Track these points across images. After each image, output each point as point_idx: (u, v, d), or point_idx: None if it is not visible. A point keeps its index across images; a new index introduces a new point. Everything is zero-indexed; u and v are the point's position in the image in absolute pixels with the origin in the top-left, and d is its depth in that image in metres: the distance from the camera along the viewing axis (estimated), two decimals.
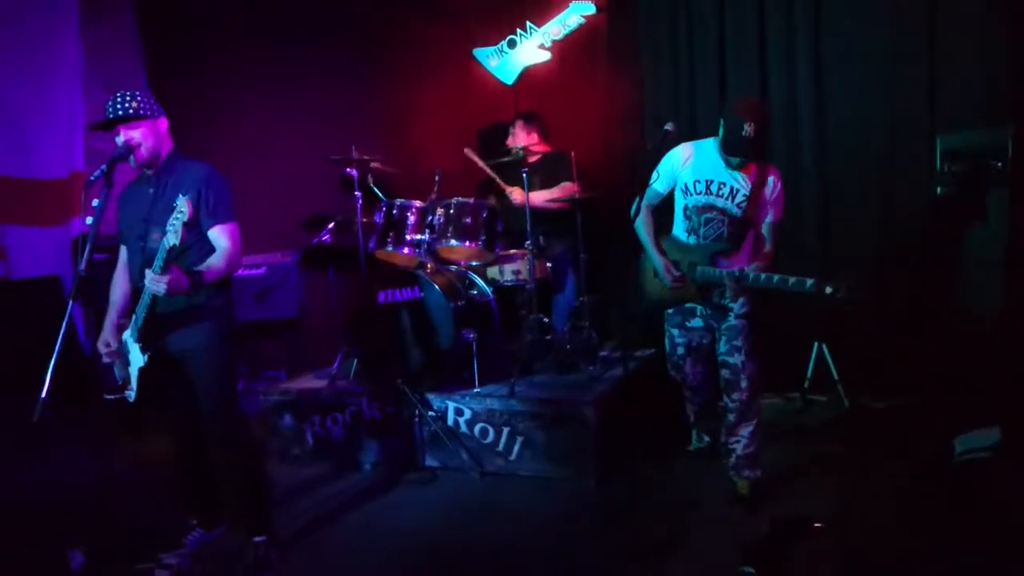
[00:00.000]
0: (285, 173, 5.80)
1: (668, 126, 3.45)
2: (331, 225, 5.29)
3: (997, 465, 3.31)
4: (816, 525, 3.25)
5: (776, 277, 3.23)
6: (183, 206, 2.76)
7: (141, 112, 3.09)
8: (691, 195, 3.50)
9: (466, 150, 4.72)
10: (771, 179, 3.43)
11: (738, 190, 3.42)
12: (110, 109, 3.09)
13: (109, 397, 3.34)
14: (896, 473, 3.83)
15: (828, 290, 3.09)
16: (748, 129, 3.18)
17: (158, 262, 2.84)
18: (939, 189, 4.31)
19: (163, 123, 3.18)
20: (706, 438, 4.10)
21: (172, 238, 2.76)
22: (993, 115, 4.31)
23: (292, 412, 4.52)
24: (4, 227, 5.83)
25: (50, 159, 6.02)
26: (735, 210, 3.44)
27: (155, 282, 2.85)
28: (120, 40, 6.62)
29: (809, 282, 3.15)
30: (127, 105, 3.08)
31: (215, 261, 3.06)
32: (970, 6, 4.49)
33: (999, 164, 4.06)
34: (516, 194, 4.82)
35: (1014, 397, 3.62)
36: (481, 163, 4.64)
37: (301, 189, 5.81)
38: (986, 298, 4.04)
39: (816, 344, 4.86)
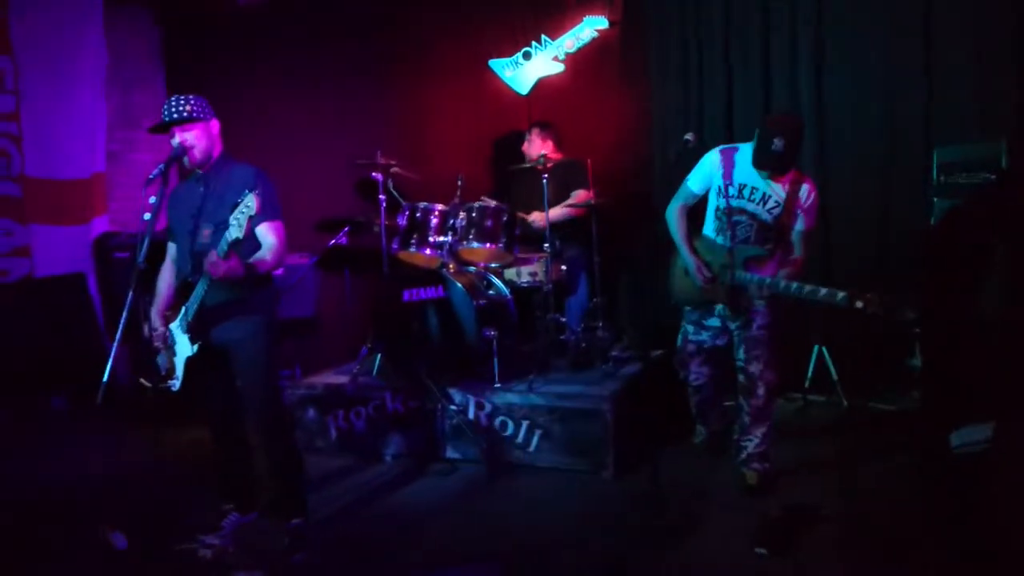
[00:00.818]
0: (302, 176, 5.97)
1: (688, 136, 3.64)
2: (347, 228, 5.47)
3: (993, 457, 3.52)
4: (822, 512, 3.49)
5: (807, 288, 3.32)
6: (250, 201, 2.90)
7: (195, 115, 3.27)
8: (723, 197, 3.61)
9: (482, 198, 4.85)
10: (806, 187, 3.56)
11: (770, 196, 3.55)
12: (166, 112, 3.27)
13: (152, 386, 3.50)
14: (895, 466, 4.05)
15: (859, 304, 3.16)
16: (778, 144, 3.33)
17: (222, 248, 3.00)
18: (936, 199, 4.54)
19: (215, 125, 3.37)
20: (704, 432, 4.29)
21: (236, 231, 2.91)
22: (988, 130, 4.55)
23: (316, 406, 4.70)
24: (29, 226, 5.97)
25: (73, 160, 6.17)
26: (766, 215, 3.57)
27: (213, 265, 3.00)
28: (140, 43, 6.81)
29: (840, 295, 3.21)
30: (182, 108, 3.26)
31: (264, 255, 3.24)
32: (967, 25, 4.73)
33: (992, 176, 4.29)
34: (536, 217, 5.03)
35: (1010, 397, 3.85)
36: (494, 203, 4.81)
37: (317, 192, 6.00)
38: (982, 304, 4.26)
39: (816, 346, 5.07)
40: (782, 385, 3.86)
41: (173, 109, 3.26)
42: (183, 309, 3.30)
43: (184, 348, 3.33)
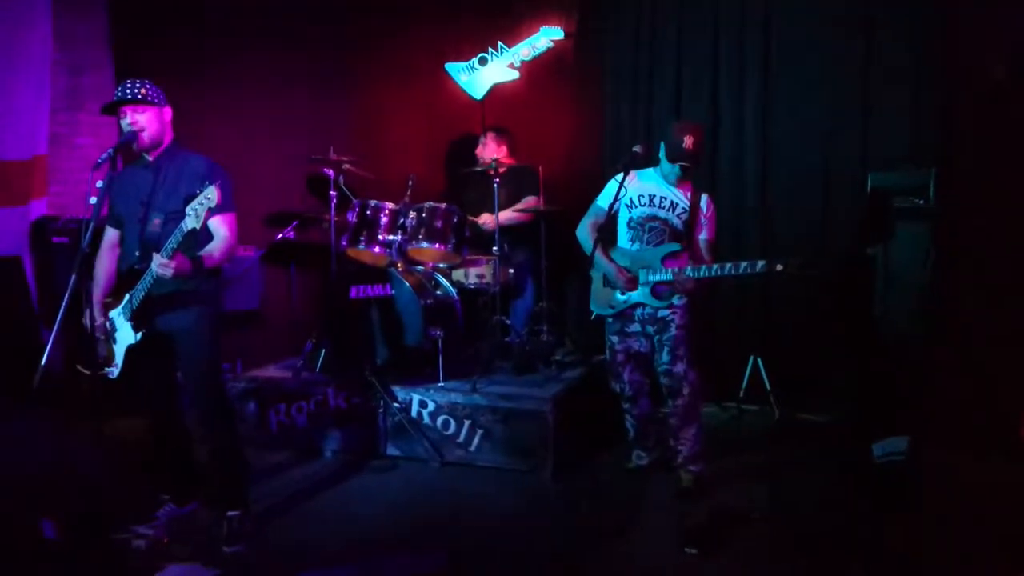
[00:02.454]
0: (252, 169, 5.91)
1: (637, 147, 3.77)
2: (296, 222, 5.45)
3: (910, 466, 3.72)
4: (752, 515, 3.64)
5: (728, 265, 3.55)
6: (211, 192, 2.90)
7: (149, 98, 3.27)
8: (636, 207, 3.87)
9: (429, 203, 4.88)
10: (704, 198, 3.86)
11: (677, 203, 3.82)
12: (119, 92, 3.25)
13: (89, 373, 3.45)
14: (822, 474, 4.23)
15: (779, 267, 3.40)
16: (687, 141, 3.67)
17: (171, 244, 2.99)
18: (868, 220, 4.75)
19: (167, 112, 3.36)
20: (643, 456, 4.18)
21: (192, 222, 2.91)
22: (917, 157, 4.79)
23: (257, 399, 4.67)
24: None
25: (14, 140, 5.98)
26: (676, 221, 3.82)
27: (163, 266, 3.00)
28: (89, 28, 6.64)
29: (760, 263, 3.45)
30: (136, 90, 3.26)
31: (215, 248, 3.23)
32: (901, 63, 4.98)
33: (921, 201, 4.52)
34: (485, 219, 5.10)
35: (930, 410, 4.07)
36: (444, 205, 4.85)
37: (267, 186, 5.94)
38: (910, 321, 4.49)
39: (751, 357, 5.25)
40: (717, 391, 3.98)
41: (128, 90, 3.25)
42: (127, 296, 3.26)
43: (126, 336, 3.30)
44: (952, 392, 4.32)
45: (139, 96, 3.23)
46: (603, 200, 3.95)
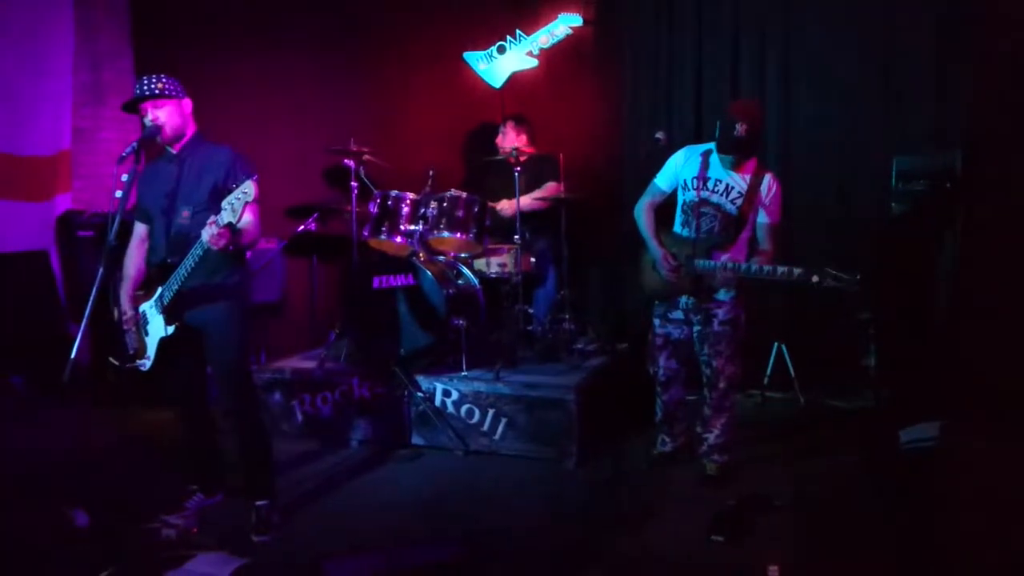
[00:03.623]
0: (269, 162, 5.90)
1: (659, 134, 3.73)
2: (316, 214, 5.47)
3: (940, 453, 3.68)
4: (776, 503, 3.62)
5: (766, 268, 3.45)
6: (248, 187, 2.90)
7: (167, 92, 3.28)
8: (689, 191, 3.72)
9: (452, 190, 4.86)
10: (767, 179, 3.64)
11: (733, 187, 3.64)
12: (138, 89, 3.28)
13: (120, 365, 3.49)
14: (848, 461, 4.19)
15: (815, 279, 3.32)
16: (739, 129, 3.44)
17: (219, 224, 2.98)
18: (894, 205, 4.69)
19: (187, 104, 3.37)
20: (667, 442, 4.13)
21: (229, 216, 2.90)
22: (944, 140, 4.72)
23: (282, 390, 4.71)
24: None
25: (38, 136, 6.05)
26: (730, 206, 3.65)
27: (214, 236, 2.97)
28: (110, 20, 6.69)
29: (797, 271, 3.36)
30: (153, 85, 3.27)
31: (246, 227, 3.19)
32: (926, 42, 4.91)
33: (948, 185, 4.46)
34: (504, 205, 5.09)
35: (957, 396, 4.01)
36: (465, 194, 4.87)
37: (288, 177, 5.96)
38: (935, 306, 4.43)
39: (776, 344, 5.21)
40: (743, 379, 3.94)
41: (145, 86, 3.27)
42: (158, 291, 3.29)
43: (158, 329, 3.33)
44: (982, 377, 4.26)
45: (156, 91, 3.25)
46: (661, 179, 3.83)
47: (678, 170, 3.77)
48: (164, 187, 3.34)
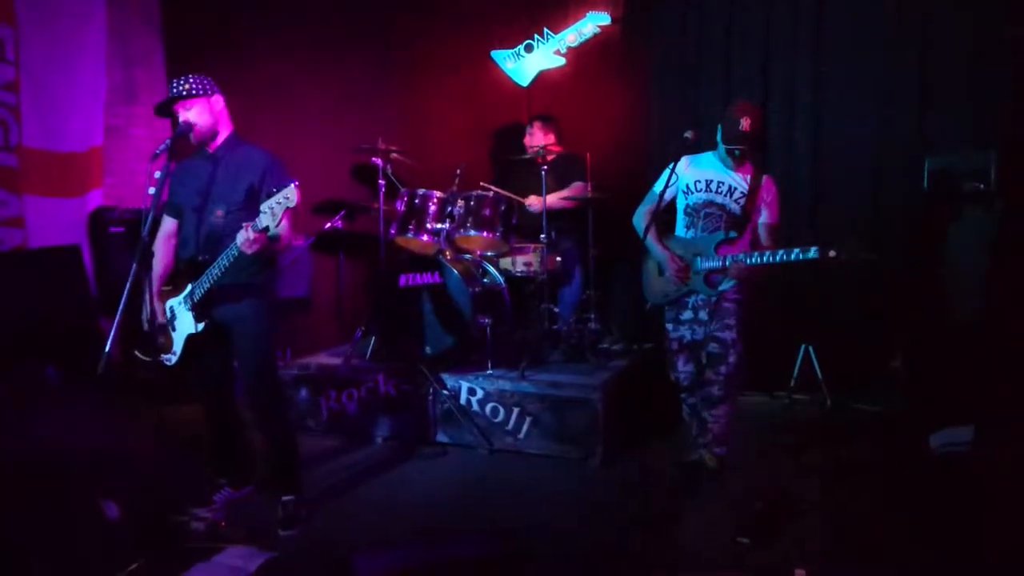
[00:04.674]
0: (298, 160, 5.95)
1: (688, 133, 3.67)
2: (344, 211, 5.51)
3: (973, 457, 3.63)
4: (803, 505, 3.59)
5: (780, 253, 3.44)
6: (291, 193, 2.90)
7: (194, 92, 3.31)
8: (692, 194, 3.77)
9: (481, 184, 4.94)
10: (766, 181, 3.72)
11: (735, 188, 3.70)
12: (169, 91, 3.32)
13: (148, 359, 3.53)
14: (876, 464, 4.15)
15: (832, 254, 3.28)
16: (744, 123, 3.55)
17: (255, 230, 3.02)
18: (926, 205, 4.63)
19: (217, 100, 3.39)
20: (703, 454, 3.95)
21: (267, 219, 2.93)
22: (978, 140, 4.65)
23: (308, 386, 4.75)
24: (24, 197, 5.94)
25: (72, 133, 6.13)
26: (733, 206, 3.70)
27: (248, 243, 3.01)
28: (142, 21, 6.77)
29: (813, 249, 3.33)
30: (180, 87, 3.32)
31: (282, 231, 3.21)
32: (962, 35, 4.83)
33: (981, 185, 4.39)
34: (533, 200, 5.09)
35: (992, 400, 3.95)
36: (495, 189, 4.90)
37: (313, 176, 5.96)
38: (968, 308, 4.37)
39: (803, 346, 5.17)
40: (769, 380, 3.89)
41: (173, 88, 3.32)
42: (188, 287, 3.33)
43: (187, 325, 3.37)
44: (1016, 381, 4.19)
45: (183, 92, 3.29)
46: (658, 186, 3.88)
47: (677, 175, 3.78)
48: (198, 184, 3.38)
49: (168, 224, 3.55)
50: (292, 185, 2.94)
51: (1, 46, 5.76)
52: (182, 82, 3.33)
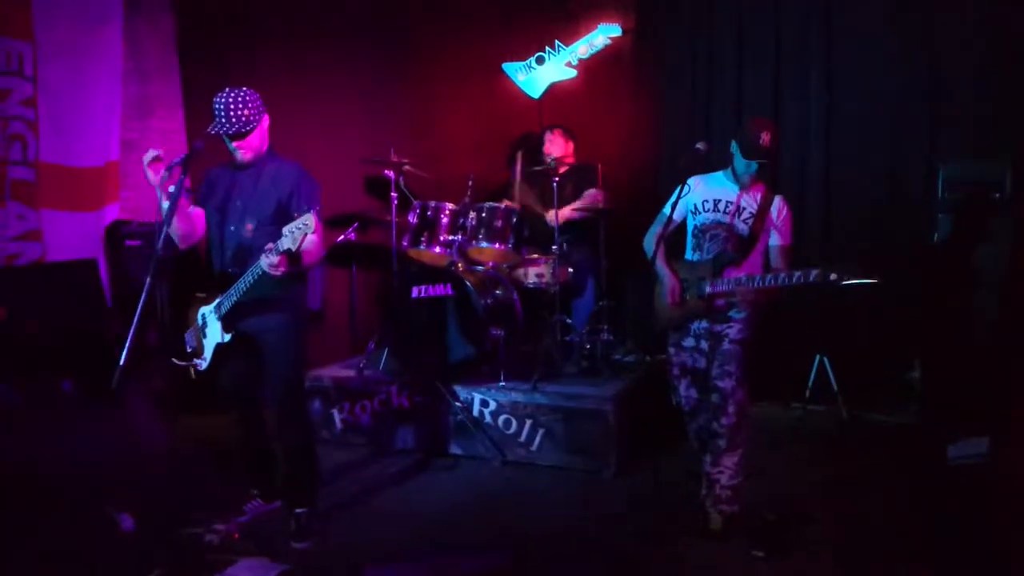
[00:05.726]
0: (312, 172, 6.01)
1: (700, 145, 3.61)
2: (356, 223, 5.53)
3: (990, 469, 3.59)
4: (817, 518, 3.56)
5: (781, 275, 3.30)
6: (309, 220, 2.92)
7: (252, 122, 3.24)
8: (700, 214, 3.62)
9: (506, 202, 4.97)
10: (777, 201, 3.56)
11: (744, 208, 3.55)
12: (223, 120, 3.18)
13: (178, 364, 3.56)
14: (892, 475, 4.11)
15: (832, 277, 3.16)
16: (764, 138, 3.43)
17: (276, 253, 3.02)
18: (940, 215, 4.60)
19: (266, 121, 3.36)
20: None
21: (288, 243, 2.94)
22: (992, 148, 4.62)
23: (322, 398, 4.76)
24: (41, 211, 6.01)
25: (88, 148, 6.20)
26: (741, 226, 3.55)
27: (272, 267, 3.02)
28: (156, 32, 6.85)
29: (814, 272, 3.21)
30: (240, 117, 3.19)
31: (308, 249, 3.22)
32: (974, 42, 4.83)
33: (997, 195, 4.36)
34: (552, 216, 5.10)
35: (1008, 410, 3.91)
36: (519, 205, 4.94)
37: (326, 188, 5.97)
38: (983, 319, 4.33)
39: (818, 356, 5.13)
40: (785, 391, 3.83)
41: (232, 120, 3.19)
42: (218, 298, 3.35)
43: (215, 334, 3.40)
44: None
45: (244, 129, 3.21)
46: (667, 208, 3.72)
47: (687, 197, 3.66)
48: (230, 195, 3.38)
49: (194, 208, 3.45)
50: (310, 212, 2.96)
51: (20, 62, 5.85)
52: (240, 110, 3.18)
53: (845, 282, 3.17)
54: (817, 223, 5.28)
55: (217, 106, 3.21)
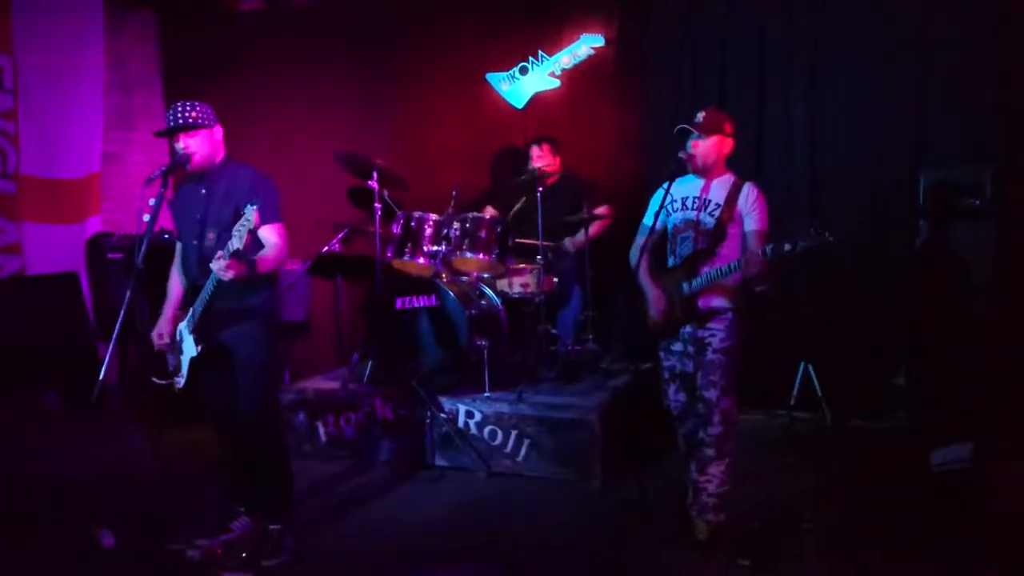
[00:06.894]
0: (293, 183, 5.96)
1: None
2: (341, 234, 5.52)
3: (974, 475, 3.60)
4: (803, 525, 3.56)
5: (741, 258, 3.28)
6: (250, 215, 2.96)
7: (199, 122, 3.32)
8: (672, 215, 3.62)
9: (489, 211, 4.99)
10: (746, 188, 3.50)
11: (710, 200, 3.52)
12: (171, 118, 3.31)
13: (159, 383, 3.53)
14: (877, 482, 4.12)
15: (787, 247, 3.15)
16: (699, 115, 3.58)
17: (227, 252, 3.04)
18: (921, 220, 4.64)
19: (218, 131, 3.41)
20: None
21: (236, 243, 2.97)
22: (974, 155, 4.65)
23: (306, 410, 4.72)
24: (22, 224, 5.97)
25: (70, 160, 6.19)
26: (707, 219, 3.50)
27: (222, 270, 3.03)
28: (139, 48, 6.84)
29: (769, 248, 3.20)
30: (187, 115, 3.31)
31: (266, 254, 3.28)
32: (959, 50, 4.87)
33: (976, 201, 4.39)
34: (568, 244, 5.21)
35: (992, 413, 3.93)
36: (488, 216, 4.96)
37: (309, 199, 6.00)
38: (965, 323, 4.36)
39: (802, 363, 5.15)
40: (770, 397, 3.82)
41: (179, 115, 3.31)
42: (190, 311, 3.34)
43: (189, 348, 3.38)
44: (1017, 397, 4.18)
45: (189, 121, 3.29)
46: (648, 216, 3.74)
47: (658, 200, 3.65)
48: (192, 209, 3.40)
49: (180, 249, 3.55)
50: (252, 207, 2.98)
51: None
52: (188, 110, 3.32)
53: (800, 248, 3.14)
54: (801, 224, 5.27)
55: (168, 112, 3.33)
